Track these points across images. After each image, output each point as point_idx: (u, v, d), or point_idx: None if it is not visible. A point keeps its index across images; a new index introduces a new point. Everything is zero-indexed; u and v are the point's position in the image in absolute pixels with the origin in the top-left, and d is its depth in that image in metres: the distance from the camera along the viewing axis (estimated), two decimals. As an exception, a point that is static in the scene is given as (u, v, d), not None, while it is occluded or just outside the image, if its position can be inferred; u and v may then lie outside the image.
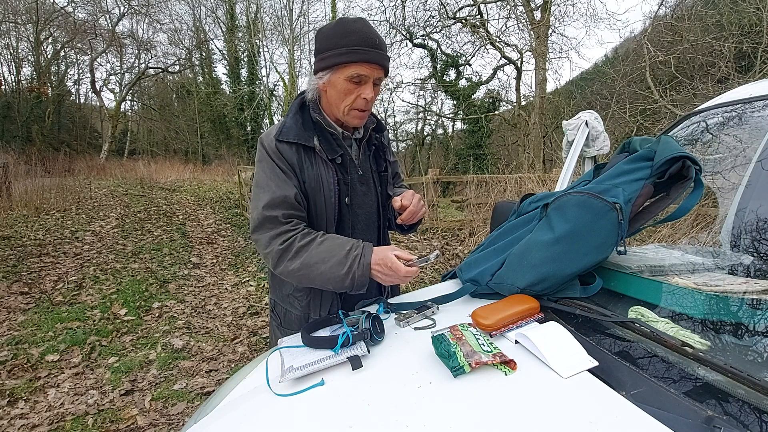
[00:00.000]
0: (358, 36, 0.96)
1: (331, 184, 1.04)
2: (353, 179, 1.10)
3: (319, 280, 0.97)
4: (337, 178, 1.05)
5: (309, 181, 1.03)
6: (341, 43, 0.97)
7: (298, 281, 1.01)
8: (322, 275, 0.96)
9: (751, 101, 1.15)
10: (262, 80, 20.40)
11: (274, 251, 0.98)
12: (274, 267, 1.00)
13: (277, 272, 1.01)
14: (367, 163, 1.15)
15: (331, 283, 0.96)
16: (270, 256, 0.99)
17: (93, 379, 2.40)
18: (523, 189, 5.95)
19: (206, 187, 12.86)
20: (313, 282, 0.99)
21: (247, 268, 4.81)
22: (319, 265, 0.95)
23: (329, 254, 0.96)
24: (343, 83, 0.99)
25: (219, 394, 0.79)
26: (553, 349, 0.69)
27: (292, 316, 1.14)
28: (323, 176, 1.04)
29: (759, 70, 7.17)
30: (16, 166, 9.52)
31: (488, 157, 14.40)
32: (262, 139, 1.05)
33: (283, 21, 19.24)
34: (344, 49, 0.96)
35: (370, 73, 0.99)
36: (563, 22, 11.56)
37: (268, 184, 1.00)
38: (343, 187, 1.08)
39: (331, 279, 0.95)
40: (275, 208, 0.98)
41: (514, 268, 0.91)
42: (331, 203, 1.05)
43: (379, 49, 0.98)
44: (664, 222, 0.99)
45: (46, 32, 20.17)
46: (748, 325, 0.70)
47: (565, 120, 1.81)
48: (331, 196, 1.05)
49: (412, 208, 1.08)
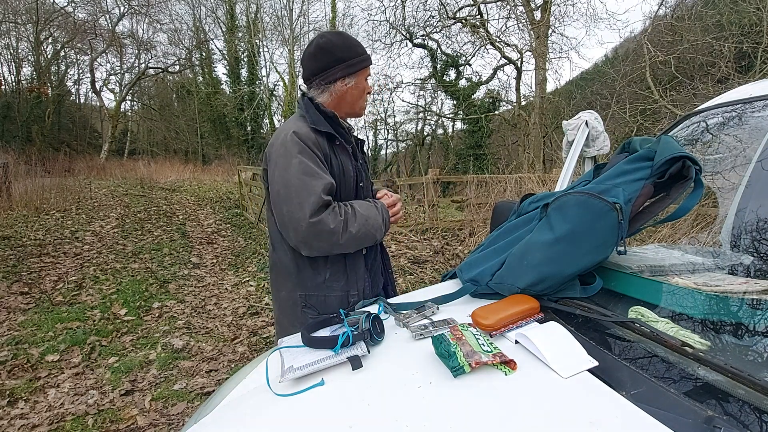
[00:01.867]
0: (360, 45, 1.23)
1: (351, 169, 1.22)
2: (361, 166, 1.29)
3: (372, 232, 1.17)
4: (354, 164, 1.23)
5: (335, 167, 1.19)
6: (359, 51, 1.21)
7: (357, 243, 1.17)
8: (374, 227, 1.18)
9: (751, 101, 1.15)
10: (262, 80, 20.41)
11: (339, 223, 1.11)
12: (340, 238, 1.12)
13: (343, 242, 1.12)
14: (359, 153, 1.33)
15: (379, 232, 1.20)
16: (337, 230, 1.11)
17: (93, 379, 2.40)
18: (523, 189, 5.95)
19: (206, 187, 12.85)
20: (367, 237, 1.17)
21: (247, 268, 4.81)
22: (369, 221, 1.17)
23: (368, 211, 1.18)
24: (363, 83, 1.23)
25: (219, 394, 0.79)
26: (553, 349, 0.69)
27: (332, 299, 1.23)
28: (345, 163, 1.21)
29: (759, 70, 7.17)
30: (16, 166, 9.52)
31: (488, 157, 14.41)
32: (296, 132, 1.13)
33: (283, 21, 19.25)
34: (363, 56, 1.22)
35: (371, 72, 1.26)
36: (563, 22, 11.57)
37: (315, 171, 1.11)
38: (358, 173, 1.25)
39: (378, 228, 1.19)
40: (328, 193, 1.12)
41: (514, 268, 0.91)
42: (351, 187, 1.23)
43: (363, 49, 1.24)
44: (664, 222, 0.99)
45: (46, 32, 20.16)
46: (748, 325, 0.70)
47: (565, 120, 1.81)
48: (351, 180, 1.22)
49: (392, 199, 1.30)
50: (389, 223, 1.24)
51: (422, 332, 0.82)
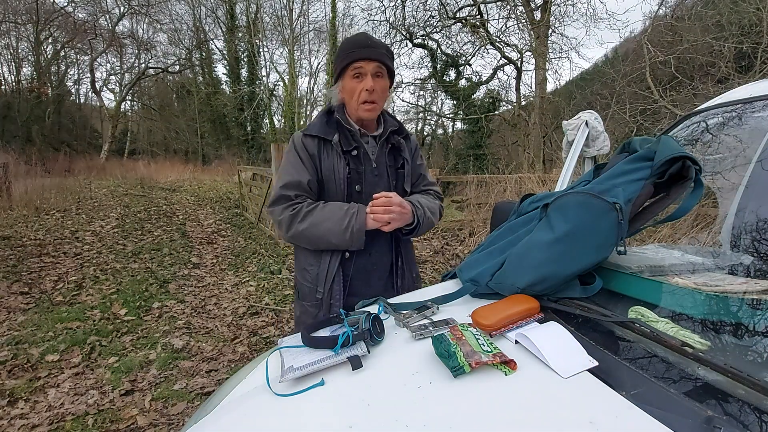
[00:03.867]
0: (352, 43, 1.21)
1: (341, 173, 1.24)
2: (366, 170, 1.28)
3: (325, 236, 1.18)
4: (348, 168, 1.25)
5: (324, 170, 1.25)
6: (341, 53, 1.22)
7: (307, 241, 1.23)
8: (328, 231, 1.17)
9: (751, 101, 1.15)
10: (262, 80, 20.39)
11: (286, 217, 1.20)
12: (286, 231, 1.22)
13: (289, 236, 1.23)
14: (383, 158, 1.31)
15: (335, 237, 1.17)
16: (283, 222, 1.21)
17: (93, 379, 2.40)
18: (523, 189, 5.95)
19: (206, 187, 12.85)
20: (320, 239, 1.20)
21: (247, 268, 4.81)
22: (323, 223, 1.18)
23: (331, 214, 1.19)
24: (349, 83, 1.21)
25: (219, 394, 0.79)
26: (553, 349, 0.69)
27: (305, 289, 1.30)
28: (336, 166, 1.24)
29: (759, 70, 7.16)
30: (16, 166, 9.52)
31: (488, 157, 14.40)
32: (294, 134, 1.30)
33: (283, 21, 19.24)
34: (343, 55, 1.21)
35: (365, 66, 1.18)
36: (563, 22, 11.55)
37: (288, 170, 1.25)
38: (355, 176, 1.26)
39: (335, 233, 1.17)
40: (290, 189, 1.22)
41: (514, 268, 0.91)
42: (341, 189, 1.25)
43: (370, 47, 1.18)
44: (664, 222, 0.99)
45: (46, 32, 20.17)
46: (748, 325, 0.70)
47: (565, 120, 1.81)
48: (341, 183, 1.24)
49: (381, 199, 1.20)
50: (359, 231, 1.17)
51: (422, 332, 0.82)
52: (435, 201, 1.40)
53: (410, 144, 1.38)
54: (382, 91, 1.22)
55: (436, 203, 1.40)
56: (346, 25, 18.02)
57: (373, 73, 1.19)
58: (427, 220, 1.30)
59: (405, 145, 1.35)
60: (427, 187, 1.44)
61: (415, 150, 1.41)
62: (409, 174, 1.35)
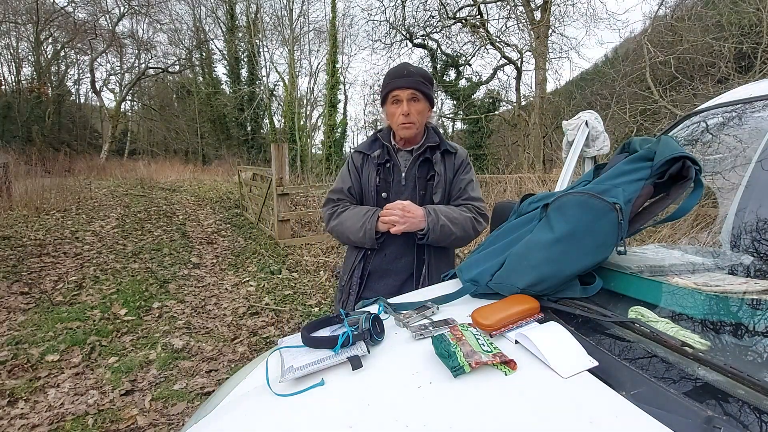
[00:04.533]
0: (391, 74, 1.42)
1: (372, 182, 1.47)
2: (395, 180, 1.46)
3: (346, 233, 1.44)
4: (378, 178, 1.47)
5: (363, 179, 1.49)
6: (384, 83, 1.44)
7: (338, 236, 1.50)
8: (348, 229, 1.42)
9: (751, 101, 1.15)
10: (262, 80, 20.41)
11: (326, 215, 1.52)
12: (326, 226, 1.54)
13: (327, 230, 1.54)
14: (414, 170, 1.45)
15: (353, 234, 1.41)
16: (324, 219, 1.54)
17: (93, 379, 2.40)
18: (523, 189, 5.95)
19: (206, 187, 12.85)
20: (344, 235, 1.46)
21: (247, 269, 4.81)
22: (346, 222, 1.43)
23: (354, 215, 1.43)
24: (390, 108, 1.42)
25: (219, 394, 0.79)
26: (553, 349, 0.69)
27: (341, 275, 1.59)
28: (369, 177, 1.47)
29: (759, 70, 7.16)
30: (16, 166, 9.53)
31: (488, 157, 14.41)
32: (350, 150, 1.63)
33: (283, 21, 19.27)
34: (384, 84, 1.43)
35: (401, 94, 1.37)
36: (563, 22, 11.57)
37: (338, 178, 1.55)
38: (383, 185, 1.47)
39: (353, 231, 1.41)
40: (334, 194, 1.53)
41: (514, 268, 0.91)
42: (372, 196, 1.47)
43: (406, 77, 1.37)
44: (664, 222, 0.99)
45: (46, 32, 20.18)
46: (748, 325, 0.70)
47: (565, 120, 1.81)
48: (372, 191, 1.47)
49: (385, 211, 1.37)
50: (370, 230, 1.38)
51: (422, 332, 0.82)
52: (465, 213, 1.43)
53: (454, 159, 1.48)
54: (417, 113, 1.38)
55: (465, 216, 1.42)
56: (346, 25, 18.07)
57: (409, 98, 1.37)
58: (441, 228, 1.35)
59: (442, 160, 1.45)
60: (467, 201, 1.47)
61: (461, 165, 1.49)
62: (441, 186, 1.44)
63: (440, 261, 1.47)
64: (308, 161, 18.75)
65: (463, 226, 1.40)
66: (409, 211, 1.34)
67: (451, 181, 1.47)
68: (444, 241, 1.38)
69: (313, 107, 21.68)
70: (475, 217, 1.45)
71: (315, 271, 4.67)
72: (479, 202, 1.49)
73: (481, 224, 1.46)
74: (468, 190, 1.49)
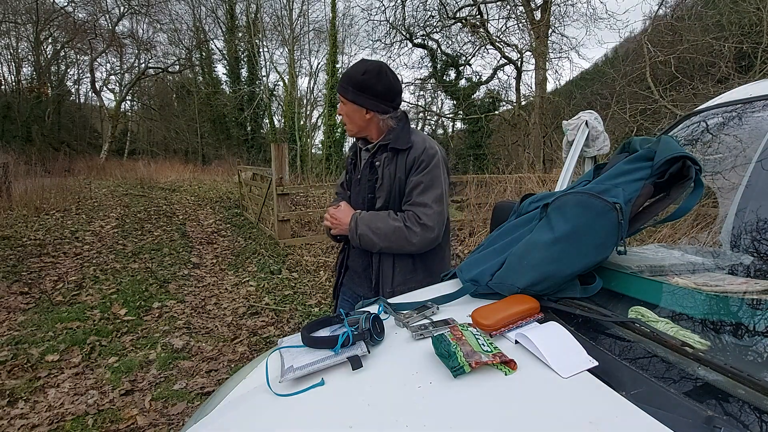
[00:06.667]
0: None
1: (343, 179, 1.57)
2: (353, 179, 1.50)
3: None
4: (347, 176, 1.53)
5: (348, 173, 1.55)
6: None
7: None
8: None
9: (751, 101, 1.15)
10: (262, 80, 20.41)
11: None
12: None
13: None
14: (366, 169, 1.44)
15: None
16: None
17: (93, 379, 2.40)
18: (523, 189, 5.95)
19: (206, 187, 12.85)
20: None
21: (247, 269, 4.81)
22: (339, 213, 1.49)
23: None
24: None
25: (219, 394, 0.79)
26: (553, 349, 0.68)
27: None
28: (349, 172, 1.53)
29: (759, 70, 7.17)
30: (16, 166, 9.53)
31: (488, 157, 14.42)
32: None
33: (283, 21, 19.27)
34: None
35: (340, 98, 1.39)
36: (563, 22, 11.56)
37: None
38: (348, 183, 1.53)
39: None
40: (337, 187, 1.66)
41: (514, 268, 0.91)
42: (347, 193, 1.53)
43: (339, 81, 1.38)
44: (664, 222, 0.99)
45: (46, 32, 20.18)
46: (748, 325, 0.70)
47: (565, 120, 1.81)
48: (346, 188, 1.54)
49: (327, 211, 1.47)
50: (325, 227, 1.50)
51: (422, 332, 0.82)
52: (395, 223, 1.30)
53: (406, 158, 1.32)
54: (346, 115, 1.38)
55: (394, 225, 1.30)
56: (346, 25, 18.06)
57: (341, 101, 1.39)
58: (361, 238, 1.34)
59: (392, 159, 1.34)
60: (410, 207, 1.33)
61: (414, 164, 1.32)
62: (385, 189, 1.35)
63: (386, 268, 1.38)
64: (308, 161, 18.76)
65: (387, 237, 1.29)
66: (336, 218, 1.42)
67: (403, 181, 1.34)
68: (372, 249, 1.35)
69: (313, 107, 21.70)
70: (409, 226, 1.29)
71: (315, 271, 4.67)
72: (423, 208, 1.30)
73: (415, 234, 1.29)
74: (413, 194, 1.32)
